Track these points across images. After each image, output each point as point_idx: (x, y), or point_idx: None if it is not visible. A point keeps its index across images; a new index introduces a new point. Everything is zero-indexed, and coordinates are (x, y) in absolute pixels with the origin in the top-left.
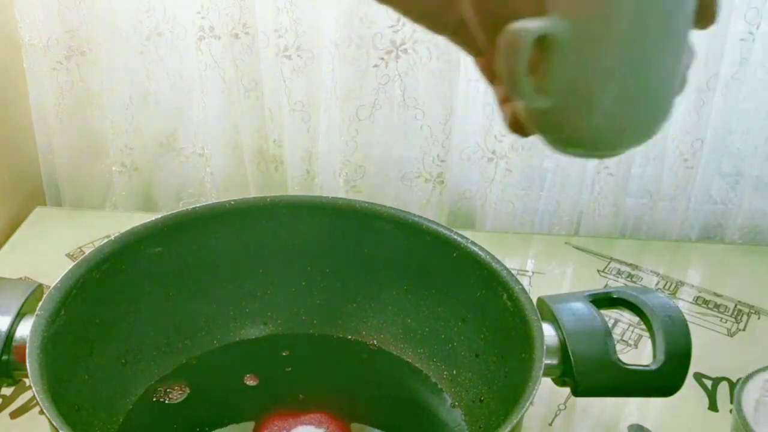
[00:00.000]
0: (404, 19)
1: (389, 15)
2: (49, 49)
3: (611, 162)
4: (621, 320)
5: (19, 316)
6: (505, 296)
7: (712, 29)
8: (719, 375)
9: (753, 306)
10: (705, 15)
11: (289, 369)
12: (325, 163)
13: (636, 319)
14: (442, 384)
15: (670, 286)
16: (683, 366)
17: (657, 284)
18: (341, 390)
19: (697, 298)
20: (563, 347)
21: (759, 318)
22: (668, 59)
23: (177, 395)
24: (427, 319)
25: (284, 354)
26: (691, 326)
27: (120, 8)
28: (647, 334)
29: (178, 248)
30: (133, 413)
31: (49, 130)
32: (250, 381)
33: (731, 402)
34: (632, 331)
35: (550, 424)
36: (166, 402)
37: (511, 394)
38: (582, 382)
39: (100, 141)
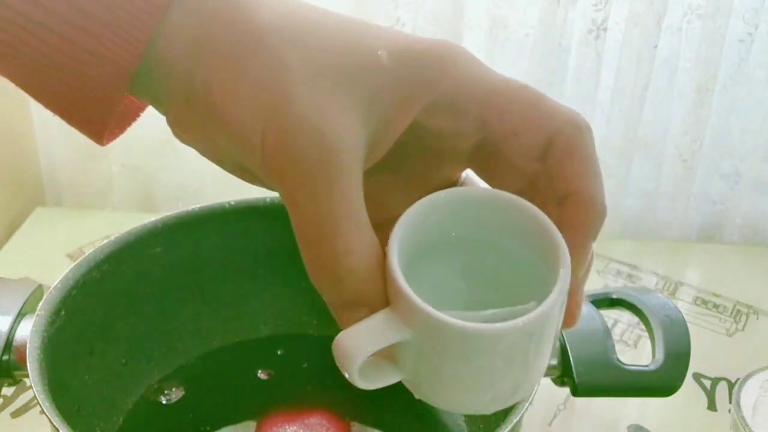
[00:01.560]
0: (403, 21)
1: (389, 15)
2: None
3: (611, 162)
4: (620, 320)
5: (20, 316)
6: None
7: (711, 29)
8: (718, 375)
9: (752, 306)
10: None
11: (289, 369)
12: None
13: (635, 319)
14: None
15: (669, 287)
16: (682, 366)
17: (656, 284)
18: (342, 390)
19: (696, 298)
20: (563, 347)
21: (758, 318)
22: (520, 370)
23: (177, 395)
24: None
25: (283, 354)
26: (690, 326)
27: None
28: (646, 334)
29: (178, 248)
30: (134, 413)
31: (49, 130)
32: (250, 381)
33: (730, 402)
34: (631, 332)
35: (550, 424)
36: (166, 402)
37: None
38: (581, 382)
39: None
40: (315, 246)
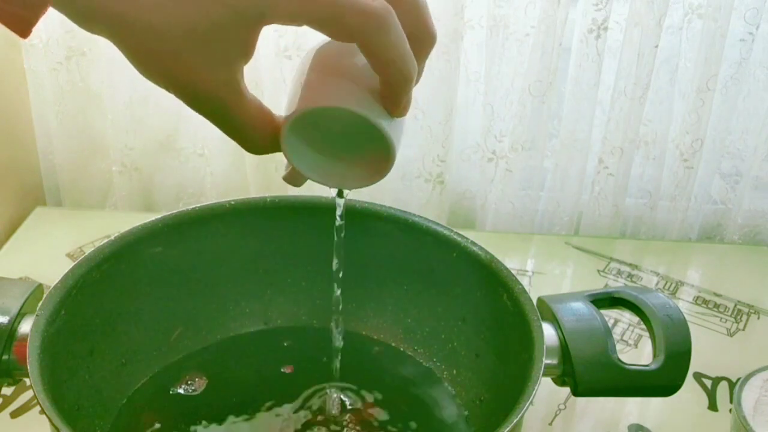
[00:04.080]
0: None
1: None
2: (49, 49)
3: (611, 162)
4: (621, 320)
5: (20, 316)
6: (505, 296)
7: (712, 29)
8: (719, 375)
9: (753, 306)
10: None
11: (289, 366)
12: None
13: (636, 319)
14: (441, 383)
15: (670, 286)
16: (683, 366)
17: (657, 284)
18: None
19: (697, 298)
20: (563, 347)
21: (759, 318)
22: None
23: (183, 389)
24: (427, 319)
25: (288, 348)
26: (690, 326)
27: None
28: (647, 334)
29: (178, 248)
30: (128, 410)
31: (49, 130)
32: (252, 377)
33: (731, 401)
34: (632, 331)
35: (550, 424)
36: (165, 400)
37: (511, 394)
38: (582, 381)
39: (100, 141)
40: (236, 138)
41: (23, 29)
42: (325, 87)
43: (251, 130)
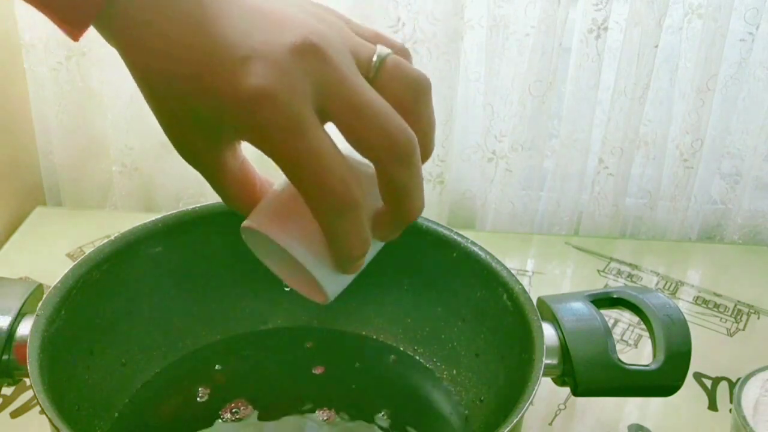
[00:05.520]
0: (404, 20)
1: (389, 15)
2: (49, 49)
3: (611, 162)
4: (621, 320)
5: (20, 316)
6: (505, 296)
7: (712, 29)
8: (719, 375)
9: (753, 306)
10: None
11: (289, 366)
12: None
13: (636, 319)
14: (441, 384)
15: (669, 286)
16: (683, 366)
17: (657, 284)
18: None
19: (697, 298)
20: (563, 347)
21: (759, 318)
22: None
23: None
24: (426, 319)
25: (286, 346)
26: (690, 326)
27: None
28: (647, 334)
29: (178, 248)
30: (128, 410)
31: (49, 130)
32: (256, 373)
33: (731, 401)
34: (632, 331)
35: (550, 424)
36: (165, 400)
37: (511, 394)
38: (582, 381)
39: (100, 141)
40: (223, 197)
41: (72, 37)
42: (278, 217)
43: (230, 199)
